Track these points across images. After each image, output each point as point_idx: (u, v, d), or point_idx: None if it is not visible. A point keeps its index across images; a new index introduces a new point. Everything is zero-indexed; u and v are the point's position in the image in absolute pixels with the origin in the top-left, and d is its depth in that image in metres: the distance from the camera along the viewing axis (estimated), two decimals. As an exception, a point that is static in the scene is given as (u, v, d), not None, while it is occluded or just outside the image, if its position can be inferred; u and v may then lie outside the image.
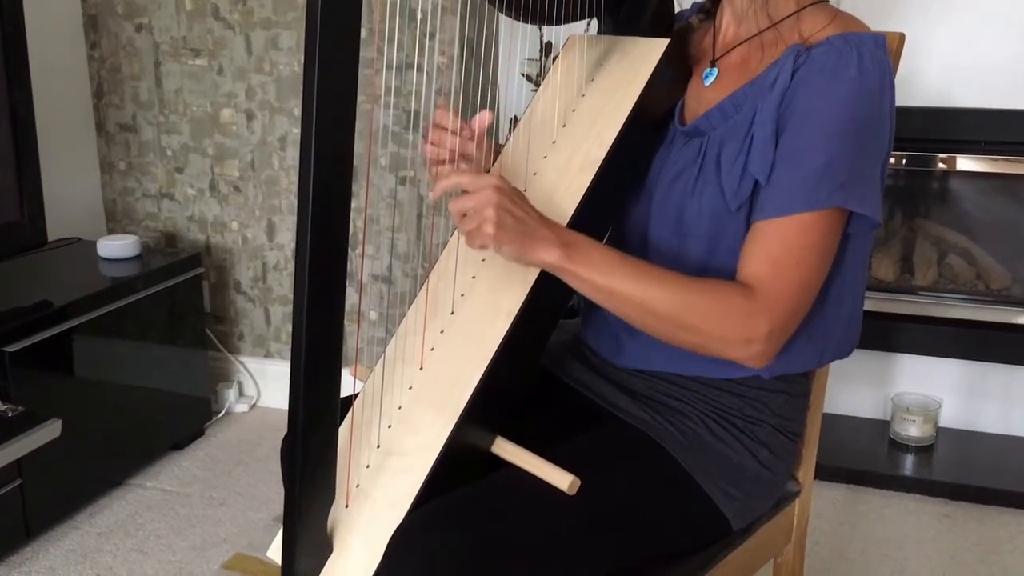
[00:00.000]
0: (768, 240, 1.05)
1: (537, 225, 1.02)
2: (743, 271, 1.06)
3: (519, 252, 1.02)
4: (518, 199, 1.02)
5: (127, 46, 2.45)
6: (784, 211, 1.04)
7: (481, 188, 1.00)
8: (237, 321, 2.58)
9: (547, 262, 1.02)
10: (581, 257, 1.03)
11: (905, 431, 2.23)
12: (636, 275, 1.04)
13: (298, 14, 2.30)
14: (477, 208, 0.99)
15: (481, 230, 0.99)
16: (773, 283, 1.04)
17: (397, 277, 2.40)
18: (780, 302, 1.04)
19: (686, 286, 1.04)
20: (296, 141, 2.37)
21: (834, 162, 1.03)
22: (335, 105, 0.89)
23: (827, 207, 1.04)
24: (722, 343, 1.05)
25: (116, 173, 2.56)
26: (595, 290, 1.04)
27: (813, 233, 1.04)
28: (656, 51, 1.18)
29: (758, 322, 1.03)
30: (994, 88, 2.06)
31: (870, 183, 1.07)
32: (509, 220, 1.00)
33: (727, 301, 1.04)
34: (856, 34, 1.08)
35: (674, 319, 1.04)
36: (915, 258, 2.27)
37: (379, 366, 1.12)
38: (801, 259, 1.04)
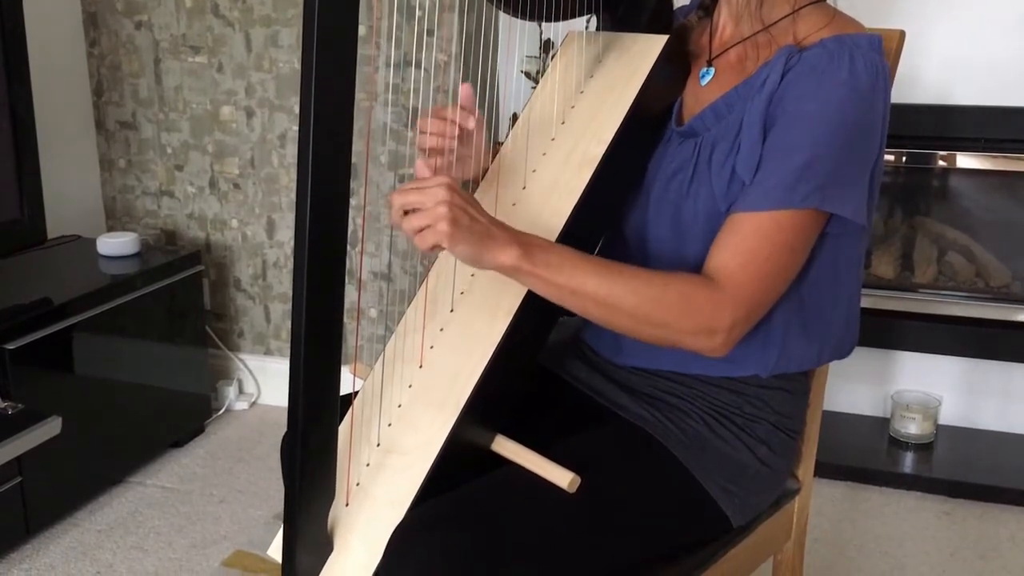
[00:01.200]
0: (741, 233, 1.05)
1: (491, 226, 0.99)
2: (711, 261, 1.06)
3: (475, 252, 0.98)
4: (470, 200, 0.99)
5: (127, 43, 2.45)
6: (759, 206, 1.04)
7: (432, 185, 0.96)
8: (237, 319, 2.58)
9: (504, 264, 0.99)
10: (540, 257, 1.00)
11: (905, 428, 2.23)
12: (597, 272, 1.03)
13: (298, 11, 2.30)
14: (428, 204, 0.95)
15: (435, 228, 0.95)
16: (739, 275, 1.03)
17: (397, 274, 2.40)
18: (746, 295, 1.03)
19: (648, 280, 1.04)
20: (296, 138, 2.37)
21: (815, 163, 1.03)
22: (334, 103, 0.89)
23: (801, 207, 1.03)
24: (686, 334, 1.04)
25: (116, 171, 2.56)
26: (556, 290, 1.02)
27: (788, 231, 1.04)
28: (655, 48, 1.18)
29: (722, 314, 1.03)
30: (994, 85, 2.06)
31: (854, 185, 1.06)
32: (464, 219, 0.96)
33: (690, 293, 1.03)
34: (850, 36, 1.07)
35: (639, 314, 1.03)
36: (915, 256, 2.27)
37: (379, 364, 1.12)
38: (771, 255, 1.04)
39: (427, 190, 0.96)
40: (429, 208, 0.95)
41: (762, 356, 1.15)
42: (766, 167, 1.05)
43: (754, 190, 1.05)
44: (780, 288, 1.07)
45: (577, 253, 1.03)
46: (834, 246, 1.12)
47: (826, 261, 1.12)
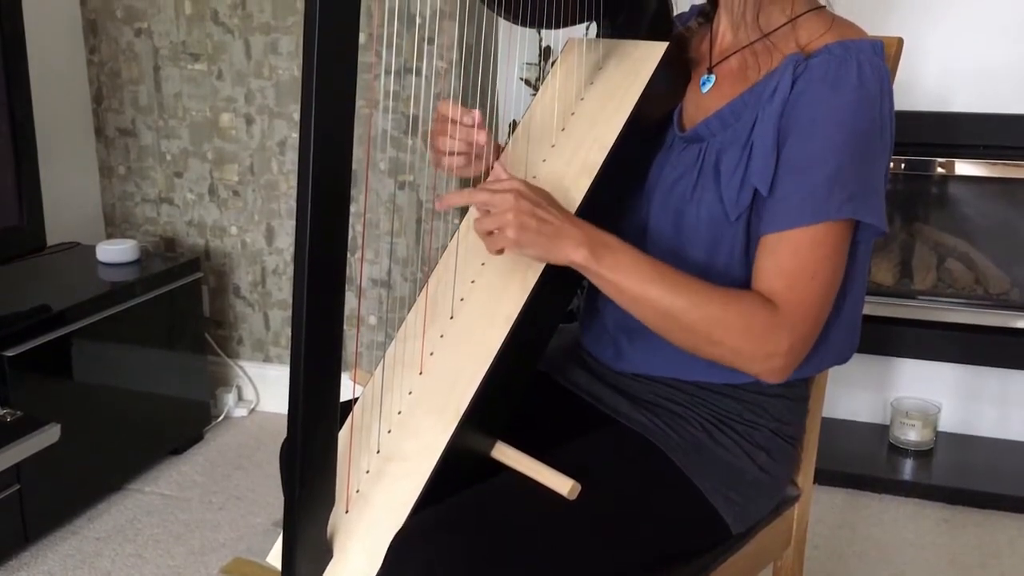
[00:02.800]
0: (781, 253, 1.05)
1: (563, 224, 1.02)
2: (760, 287, 1.06)
3: (544, 253, 1.02)
4: (543, 200, 1.02)
5: (126, 50, 2.45)
6: (795, 223, 1.04)
7: (501, 189, 1.00)
8: (236, 325, 2.58)
9: (574, 261, 1.02)
10: (609, 259, 1.03)
11: (904, 435, 2.23)
12: (663, 282, 1.03)
13: (297, 19, 2.30)
14: (498, 212, 1.00)
15: (503, 233, 1.00)
16: (791, 297, 1.03)
17: (396, 281, 2.40)
18: (799, 316, 1.04)
19: (711, 298, 1.04)
20: (295, 145, 2.37)
21: (841, 172, 1.03)
22: (334, 110, 0.89)
23: (838, 218, 1.03)
24: (744, 357, 1.04)
25: (115, 178, 2.56)
26: (620, 294, 1.04)
27: (826, 245, 1.04)
28: (655, 55, 1.18)
29: (780, 337, 1.03)
30: (993, 93, 2.06)
31: (876, 191, 1.06)
32: (532, 223, 1.00)
33: (751, 315, 1.03)
34: (854, 41, 1.07)
35: (698, 331, 1.04)
36: (914, 262, 2.27)
37: (378, 370, 1.12)
38: (816, 271, 1.04)
39: (497, 195, 1.00)
40: (498, 213, 1.00)
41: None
42: (790, 181, 1.05)
43: (784, 206, 1.05)
44: (829, 303, 1.07)
45: (646, 259, 1.05)
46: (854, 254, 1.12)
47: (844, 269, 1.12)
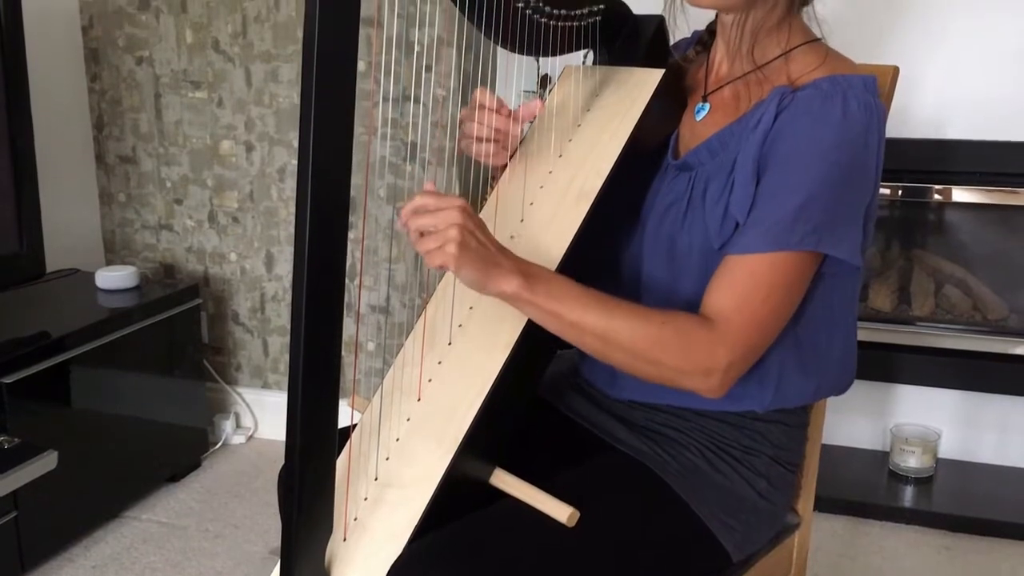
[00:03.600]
0: (736, 274, 1.05)
1: (497, 254, 1.00)
2: (708, 301, 1.06)
3: (479, 278, 0.99)
4: (481, 226, 1.00)
5: (128, 78, 2.46)
6: (755, 248, 1.04)
7: (446, 207, 0.97)
8: (235, 352, 2.57)
9: (506, 291, 1.00)
10: (541, 287, 1.01)
11: (905, 462, 2.22)
12: (598, 306, 1.03)
13: (298, 47, 2.32)
14: (441, 226, 0.97)
15: (443, 249, 0.96)
16: (736, 316, 1.03)
17: (395, 308, 2.40)
18: (741, 335, 1.03)
19: (647, 317, 1.04)
20: (295, 172, 2.38)
21: (810, 204, 1.03)
22: (332, 137, 0.90)
23: (798, 250, 1.04)
24: (682, 373, 1.04)
25: (115, 204, 2.56)
26: (555, 320, 1.03)
27: (783, 272, 1.04)
28: (651, 82, 1.19)
29: (718, 354, 1.03)
30: (989, 120, 2.08)
31: (849, 226, 1.07)
32: (473, 243, 0.97)
33: (688, 332, 1.03)
34: (845, 76, 1.08)
35: (636, 351, 1.03)
36: (912, 288, 2.27)
37: (377, 397, 1.12)
38: (768, 296, 1.04)
39: (442, 211, 0.97)
40: (441, 229, 0.96)
41: (759, 393, 1.14)
42: (760, 208, 1.05)
43: (749, 231, 1.05)
44: (776, 329, 1.07)
45: (578, 286, 1.04)
46: (829, 285, 1.12)
47: (821, 300, 1.13)
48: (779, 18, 1.12)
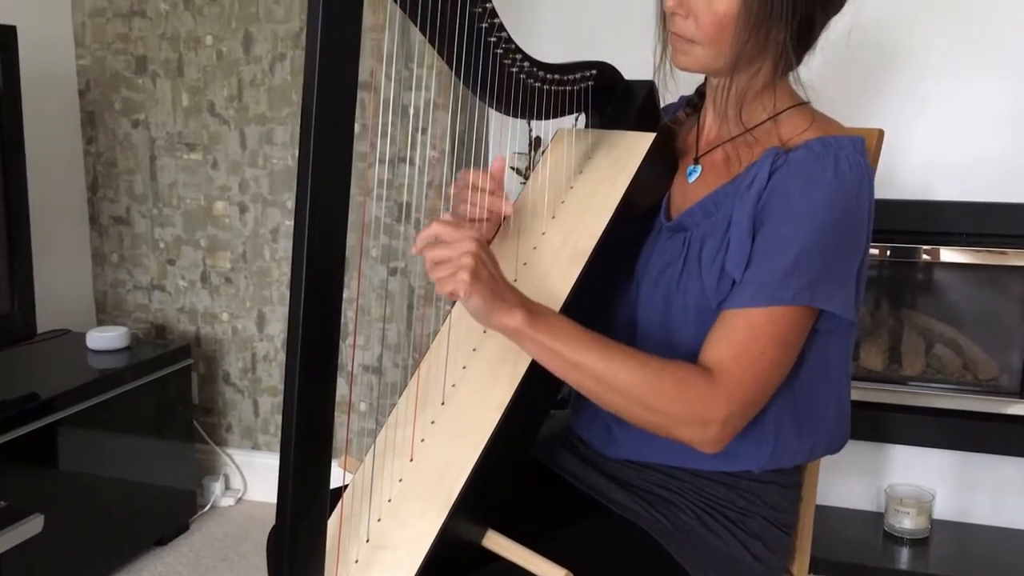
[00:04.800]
0: (734, 327, 1.06)
1: (506, 288, 1.02)
2: (706, 354, 1.06)
3: (486, 309, 1.00)
4: (493, 260, 1.02)
5: (123, 141, 2.49)
6: (751, 303, 1.05)
7: (462, 238, 0.99)
8: (225, 412, 2.56)
9: (509, 326, 1.01)
10: (544, 325, 1.02)
11: (899, 523, 2.20)
12: (598, 349, 1.04)
13: (292, 110, 2.35)
14: (455, 255, 0.98)
15: (456, 276, 0.98)
16: (735, 369, 1.04)
17: (387, 368, 2.39)
18: (740, 388, 1.04)
19: (647, 364, 1.04)
20: (288, 233, 2.39)
21: (804, 260, 1.04)
22: (329, 198, 0.91)
23: (792, 304, 1.05)
24: (678, 422, 1.04)
25: (108, 265, 2.57)
26: (556, 360, 1.03)
27: (780, 326, 1.05)
28: (643, 145, 1.21)
29: (716, 404, 1.03)
30: (974, 182, 2.11)
31: (842, 282, 1.08)
32: (484, 273, 0.99)
33: (686, 382, 1.04)
34: (835, 138, 1.10)
35: (633, 395, 1.03)
36: (903, 348, 2.28)
37: (369, 458, 1.11)
38: (766, 348, 1.05)
39: (456, 242, 0.99)
40: (455, 256, 0.98)
41: (755, 452, 1.14)
42: (756, 264, 1.07)
43: (745, 287, 1.06)
44: (774, 383, 1.08)
45: (581, 328, 1.05)
46: (824, 342, 1.13)
47: (816, 357, 1.13)
48: (764, 82, 1.14)
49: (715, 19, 1.08)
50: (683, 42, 1.12)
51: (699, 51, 1.11)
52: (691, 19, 1.09)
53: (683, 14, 1.10)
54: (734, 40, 1.08)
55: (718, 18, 1.07)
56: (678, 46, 1.13)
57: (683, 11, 1.09)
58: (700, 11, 1.08)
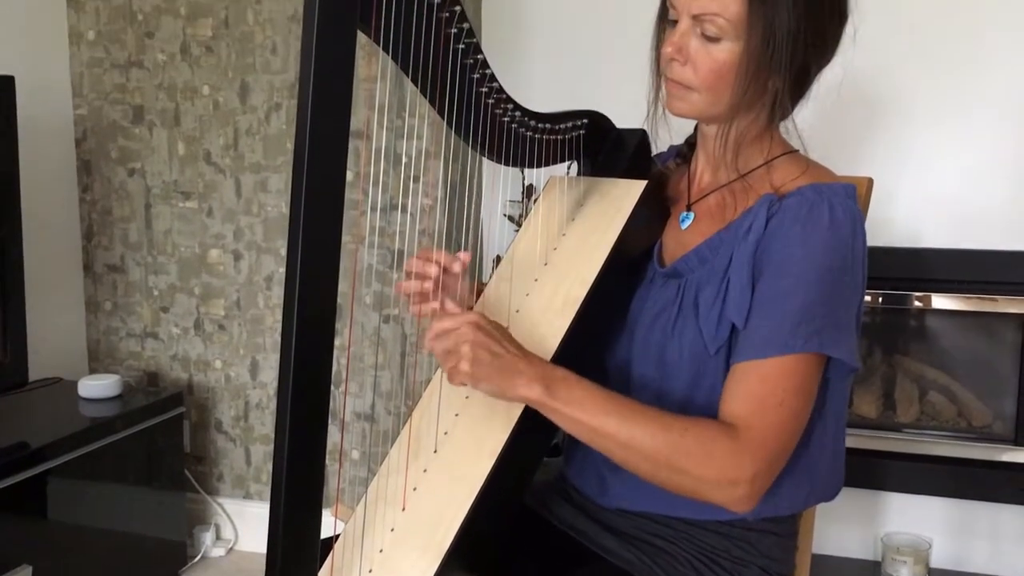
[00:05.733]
0: (749, 381, 1.05)
1: (517, 359, 1.02)
2: (725, 410, 1.06)
3: (498, 388, 1.01)
4: (498, 334, 1.02)
5: (119, 189, 2.50)
6: (763, 354, 1.05)
7: (458, 326, 1.01)
8: (217, 461, 2.54)
9: (528, 397, 1.02)
10: (563, 393, 1.02)
11: (896, 572, 2.18)
12: (620, 413, 1.03)
13: (287, 158, 2.36)
14: (453, 346, 1.00)
15: (457, 368, 1.00)
16: (756, 424, 1.03)
17: (380, 415, 2.38)
18: (764, 443, 1.03)
19: (670, 425, 1.03)
20: (282, 280, 2.39)
21: (811, 307, 1.05)
22: (321, 245, 0.91)
23: (804, 351, 1.05)
24: (707, 484, 1.03)
25: (101, 313, 2.56)
26: (578, 427, 1.03)
27: (794, 376, 1.05)
28: (634, 193, 1.22)
29: (743, 463, 1.02)
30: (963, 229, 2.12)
31: (845, 328, 1.08)
32: (485, 356, 1.00)
33: (712, 441, 1.03)
34: (827, 184, 1.11)
35: (659, 459, 1.03)
36: (896, 395, 2.28)
37: (361, 506, 1.10)
38: (783, 400, 1.04)
39: (452, 332, 1.01)
40: (452, 349, 1.00)
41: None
42: (762, 314, 1.07)
43: (754, 338, 1.06)
44: (796, 434, 1.07)
45: (601, 391, 1.04)
46: (823, 389, 1.13)
47: (818, 404, 1.13)
48: (760, 129, 1.16)
49: (715, 67, 1.09)
50: (680, 88, 1.13)
51: (696, 98, 1.12)
52: (689, 66, 1.11)
53: (682, 61, 1.11)
54: (733, 88, 1.09)
55: (718, 65, 1.09)
56: (675, 92, 1.14)
57: (682, 58, 1.11)
58: (699, 58, 1.10)
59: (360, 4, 0.92)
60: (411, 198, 2.21)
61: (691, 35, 1.09)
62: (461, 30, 1.03)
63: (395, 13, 0.96)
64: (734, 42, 1.07)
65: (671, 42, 1.11)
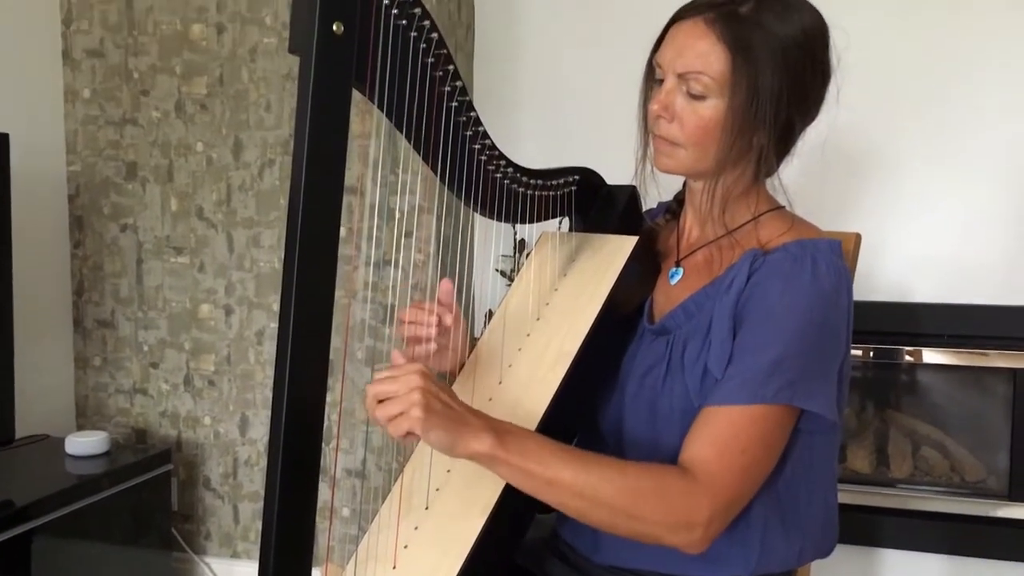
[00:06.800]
0: (715, 425, 1.05)
1: (466, 413, 0.99)
2: (686, 453, 1.05)
3: (449, 439, 0.96)
4: (444, 388, 0.99)
5: (111, 245, 2.50)
6: (733, 400, 1.05)
7: (405, 372, 0.96)
8: (205, 519, 2.50)
9: (479, 451, 0.98)
10: (514, 446, 0.99)
11: (894, 631, 2.16)
12: (573, 462, 1.01)
13: (280, 214, 2.38)
14: (401, 391, 0.95)
15: (408, 414, 0.94)
16: (716, 467, 1.03)
17: (371, 471, 2.36)
18: (722, 487, 1.02)
19: (625, 472, 1.02)
20: (273, 336, 2.39)
21: (785, 360, 1.05)
22: (314, 301, 0.92)
23: (775, 402, 1.05)
24: (662, 527, 1.01)
25: (90, 369, 2.55)
26: (531, 480, 1.00)
27: (761, 424, 1.05)
28: (626, 249, 1.23)
29: (700, 505, 1.01)
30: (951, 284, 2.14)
31: (823, 381, 1.08)
32: (437, 404, 0.96)
33: (667, 484, 1.02)
34: (812, 240, 1.12)
35: (615, 506, 1.01)
36: (890, 450, 2.27)
37: (351, 565, 1.09)
38: (747, 447, 1.04)
39: (400, 378, 0.96)
40: (402, 395, 0.95)
41: (743, 555, 1.13)
42: (737, 363, 1.07)
43: (726, 384, 1.07)
44: (756, 482, 1.07)
45: (552, 442, 1.03)
46: (807, 443, 1.12)
47: (800, 458, 1.13)
48: (746, 185, 1.17)
49: (700, 123, 1.10)
50: (667, 145, 1.14)
51: (683, 154, 1.14)
52: (676, 123, 1.12)
53: (668, 118, 1.12)
54: (719, 144, 1.11)
55: (703, 123, 1.10)
56: (662, 149, 1.15)
57: (668, 115, 1.12)
58: (685, 115, 1.11)
59: (355, 63, 0.93)
60: (404, 253, 2.22)
61: (677, 93, 1.11)
62: (455, 88, 1.05)
63: (390, 72, 0.97)
64: (719, 100, 1.09)
65: (657, 100, 1.13)
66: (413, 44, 0.99)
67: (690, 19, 1.10)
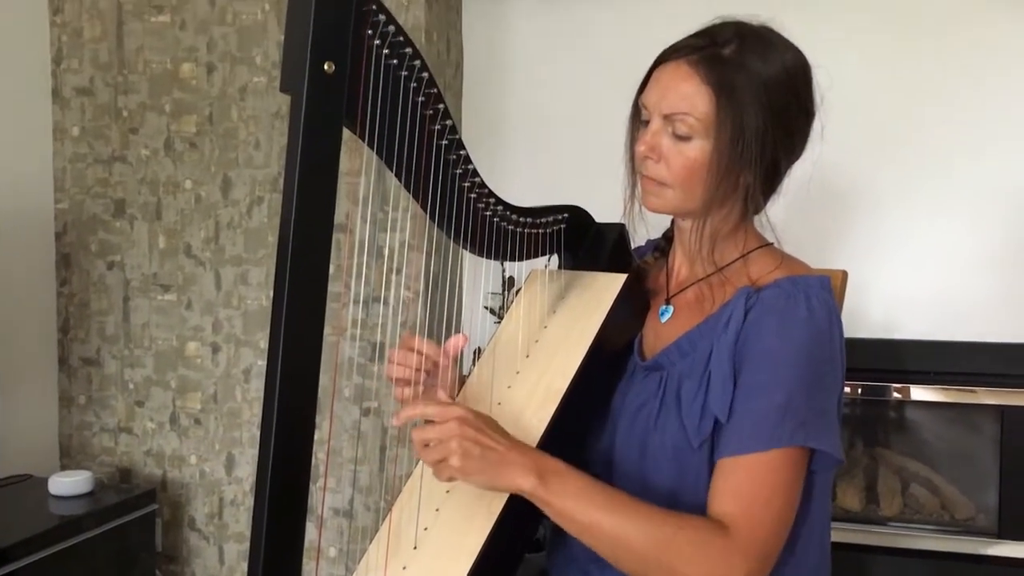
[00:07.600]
0: (736, 477, 1.05)
1: (508, 451, 1.01)
2: (714, 508, 1.05)
3: (490, 481, 1.00)
4: (486, 427, 1.01)
5: (98, 283, 2.49)
6: (750, 449, 1.04)
7: (446, 419, 1.00)
8: (189, 560, 2.47)
9: (522, 488, 1.01)
10: (557, 486, 1.01)
11: (886, 671, 2.14)
12: (613, 508, 1.01)
13: (268, 251, 2.37)
14: (441, 439, 0.99)
15: (447, 462, 0.99)
16: (745, 523, 1.02)
17: (358, 511, 2.33)
18: (755, 542, 1.02)
19: (663, 522, 1.02)
20: (260, 373, 2.37)
21: (793, 400, 1.05)
22: (302, 338, 0.91)
23: (790, 445, 1.04)
24: None
25: (75, 407, 2.53)
26: (570, 521, 1.02)
27: (781, 471, 1.04)
28: (615, 286, 1.23)
29: (735, 562, 1.01)
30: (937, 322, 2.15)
31: (829, 420, 1.08)
32: (475, 450, 0.99)
33: (704, 541, 1.01)
34: (802, 277, 1.13)
35: (649, 557, 1.01)
36: (879, 488, 2.27)
37: (338, 606, 1.07)
38: (771, 497, 1.04)
39: (441, 425, 1.00)
40: (443, 439, 0.99)
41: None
42: (744, 408, 1.07)
43: (737, 433, 1.06)
44: (786, 530, 1.06)
45: (596, 484, 1.03)
46: (808, 482, 1.12)
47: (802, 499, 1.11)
48: (734, 224, 1.18)
49: (686, 163, 1.11)
50: (654, 185, 1.15)
51: (670, 194, 1.14)
52: (663, 163, 1.13)
53: (655, 158, 1.13)
54: (705, 184, 1.11)
55: (689, 163, 1.11)
56: (649, 189, 1.16)
57: (655, 155, 1.13)
58: (672, 156, 1.12)
59: (346, 100, 0.94)
60: (392, 290, 2.22)
61: (663, 134, 1.12)
62: (444, 127, 1.05)
63: (380, 110, 0.98)
64: (704, 140, 1.10)
65: (644, 141, 1.13)
66: (403, 83, 1.00)
67: (674, 61, 1.12)
